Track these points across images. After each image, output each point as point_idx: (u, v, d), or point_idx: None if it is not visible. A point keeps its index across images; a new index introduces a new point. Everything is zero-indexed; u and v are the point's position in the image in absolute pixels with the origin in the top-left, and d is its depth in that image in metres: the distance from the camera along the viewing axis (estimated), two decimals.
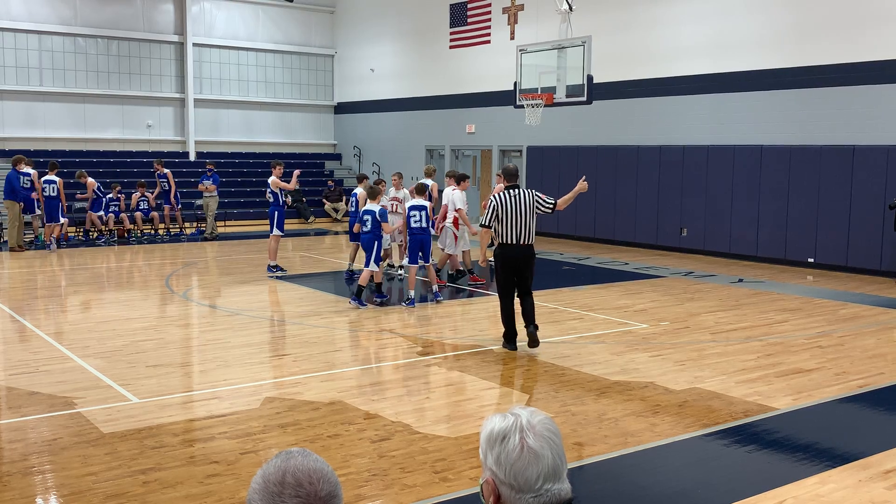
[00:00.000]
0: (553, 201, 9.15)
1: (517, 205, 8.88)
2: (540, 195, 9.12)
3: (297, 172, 14.99)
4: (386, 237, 12.94)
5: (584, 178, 9.65)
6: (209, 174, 20.63)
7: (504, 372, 8.40)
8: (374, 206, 11.89)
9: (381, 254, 12.78)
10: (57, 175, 18.36)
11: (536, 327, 9.00)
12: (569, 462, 1.84)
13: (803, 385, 7.85)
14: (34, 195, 18.00)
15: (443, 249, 13.71)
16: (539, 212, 9.03)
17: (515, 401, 7.47)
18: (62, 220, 18.49)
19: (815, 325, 10.60)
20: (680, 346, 9.42)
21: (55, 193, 18.26)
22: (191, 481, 5.47)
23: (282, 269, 14.57)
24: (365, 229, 11.88)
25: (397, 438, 6.32)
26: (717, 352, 9.16)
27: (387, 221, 11.90)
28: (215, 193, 20.55)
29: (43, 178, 18.15)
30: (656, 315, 11.22)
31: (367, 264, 11.82)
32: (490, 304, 12.29)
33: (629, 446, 6.21)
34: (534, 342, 8.95)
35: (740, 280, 14.28)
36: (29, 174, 17.99)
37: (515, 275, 9.02)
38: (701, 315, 11.24)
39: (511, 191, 9.00)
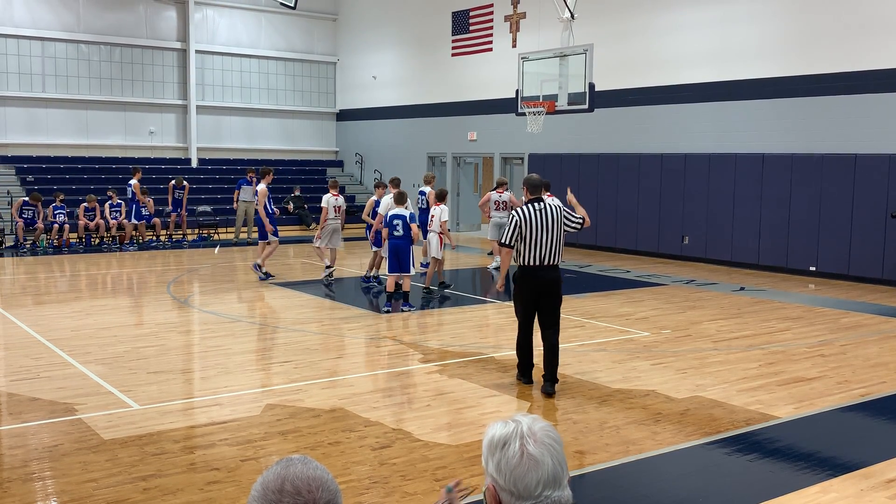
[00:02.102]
0: (581, 217, 8.08)
1: (543, 221, 7.73)
2: (567, 210, 8.10)
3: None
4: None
5: (568, 189, 9.07)
6: (249, 180, 20.76)
7: (506, 380, 8.38)
8: (403, 211, 11.98)
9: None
10: (138, 180, 20.09)
11: (555, 381, 7.87)
12: (570, 470, 1.85)
13: (805, 394, 7.83)
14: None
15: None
16: (567, 229, 7.99)
17: (517, 409, 7.45)
18: (138, 221, 20.18)
19: (817, 334, 10.59)
20: (681, 355, 9.41)
21: (131, 196, 19.73)
22: (191, 488, 5.46)
23: (270, 276, 14.67)
24: (396, 233, 11.93)
25: (398, 446, 6.31)
26: (718, 360, 9.15)
27: (416, 223, 11.97)
28: (253, 199, 20.68)
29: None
30: (658, 323, 11.21)
31: (406, 269, 11.93)
32: (490, 311, 12.29)
33: (630, 455, 6.19)
34: (547, 394, 7.83)
35: (742, 288, 14.27)
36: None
37: (539, 302, 7.93)
38: (702, 323, 11.23)
39: (535, 204, 7.80)
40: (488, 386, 8.08)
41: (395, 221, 11.96)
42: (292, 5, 24.15)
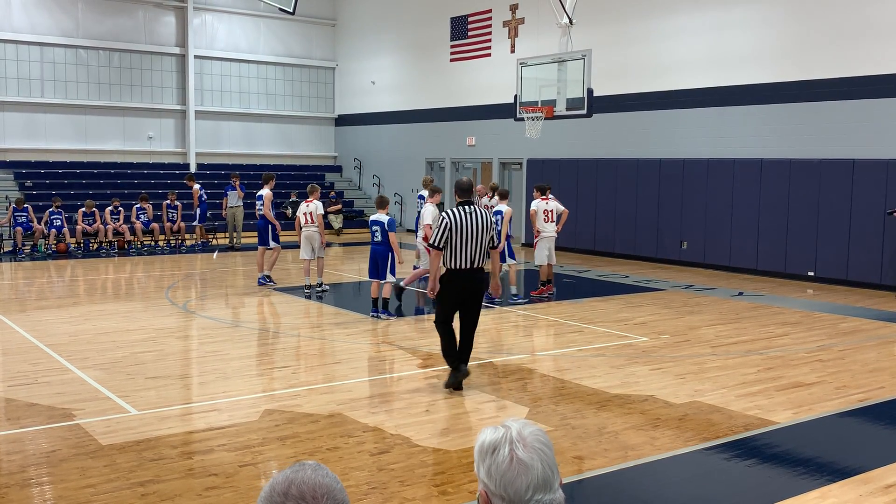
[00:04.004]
0: (500, 241, 8.04)
1: (473, 224, 7.74)
2: (496, 224, 8.03)
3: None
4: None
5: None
6: (235, 185, 20.89)
7: (503, 385, 8.38)
8: (382, 217, 11.76)
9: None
10: (198, 184, 21.31)
11: (466, 362, 7.99)
12: (569, 476, 1.85)
13: (804, 399, 7.83)
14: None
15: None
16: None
17: (515, 414, 7.44)
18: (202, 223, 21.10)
19: (816, 339, 10.59)
20: (680, 360, 9.41)
21: (201, 200, 20.86)
22: (189, 494, 5.45)
23: (272, 281, 14.59)
24: (376, 239, 11.78)
25: (396, 451, 6.30)
26: (717, 365, 9.14)
27: (394, 231, 11.75)
28: (240, 203, 20.81)
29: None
30: (656, 328, 11.21)
31: (383, 276, 11.69)
32: (488, 315, 12.28)
33: (629, 460, 6.19)
34: (459, 385, 7.95)
35: (740, 293, 14.27)
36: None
37: (462, 305, 7.94)
38: (701, 328, 11.23)
39: (465, 207, 7.82)
40: (486, 391, 8.07)
41: (374, 227, 11.72)
42: (291, 11, 24.18)
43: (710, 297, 13.93)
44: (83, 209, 19.95)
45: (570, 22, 17.20)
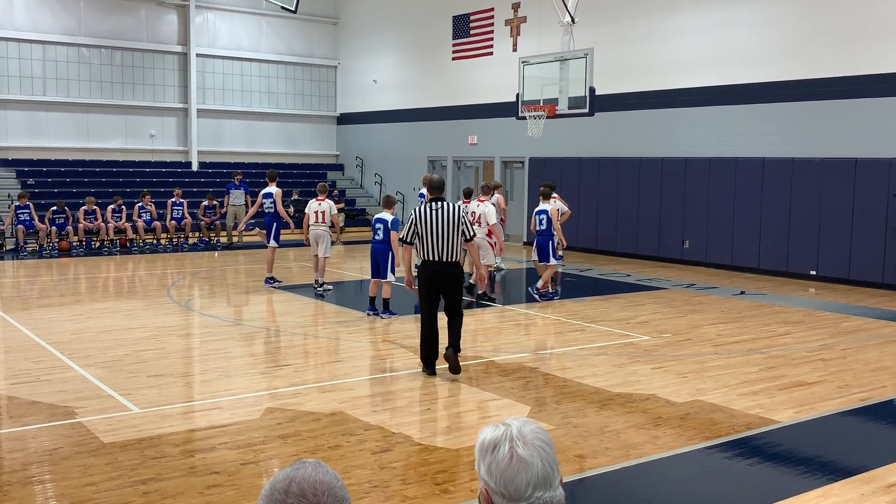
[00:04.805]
0: (474, 233, 8.58)
1: (439, 219, 8.29)
2: (466, 219, 8.47)
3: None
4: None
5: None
6: (237, 184, 20.92)
7: (505, 383, 8.38)
8: (387, 216, 11.75)
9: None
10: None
11: (457, 350, 8.40)
12: (570, 475, 1.85)
13: (805, 398, 7.83)
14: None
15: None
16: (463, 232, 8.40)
17: (517, 412, 7.44)
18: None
19: (818, 338, 10.58)
20: (682, 359, 9.41)
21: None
22: (191, 492, 5.46)
23: (277, 281, 14.55)
24: (377, 237, 11.77)
25: (398, 450, 6.30)
26: (719, 364, 9.14)
27: (397, 231, 11.69)
28: (243, 202, 20.85)
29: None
30: (658, 327, 11.20)
31: (383, 275, 11.65)
32: (491, 315, 12.28)
33: (631, 459, 6.19)
34: (454, 368, 8.31)
35: (742, 292, 14.27)
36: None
37: (440, 295, 8.43)
38: (703, 327, 11.22)
39: (433, 204, 8.40)
40: (488, 390, 8.07)
41: (377, 225, 11.70)
42: (293, 9, 24.19)
43: (711, 295, 13.92)
44: (84, 207, 19.96)
45: (573, 20, 17.21)
